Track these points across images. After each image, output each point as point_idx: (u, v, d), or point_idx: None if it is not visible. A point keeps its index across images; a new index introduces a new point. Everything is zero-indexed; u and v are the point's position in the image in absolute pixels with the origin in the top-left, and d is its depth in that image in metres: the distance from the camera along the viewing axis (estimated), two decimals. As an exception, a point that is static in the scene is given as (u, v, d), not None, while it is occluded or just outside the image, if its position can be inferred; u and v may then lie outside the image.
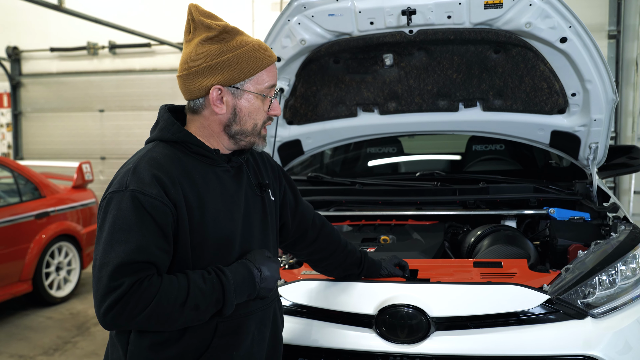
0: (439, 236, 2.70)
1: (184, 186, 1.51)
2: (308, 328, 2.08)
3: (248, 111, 1.59)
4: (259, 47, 1.58)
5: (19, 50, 9.82)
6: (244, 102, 1.58)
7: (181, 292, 1.43)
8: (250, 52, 1.56)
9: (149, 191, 1.45)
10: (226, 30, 1.55)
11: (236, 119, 1.59)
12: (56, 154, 9.49)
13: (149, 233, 1.43)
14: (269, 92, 1.62)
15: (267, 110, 1.63)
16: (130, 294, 1.38)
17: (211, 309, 1.49)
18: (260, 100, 1.60)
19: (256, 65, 1.57)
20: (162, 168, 1.50)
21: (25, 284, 5.27)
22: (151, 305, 1.39)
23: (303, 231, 1.98)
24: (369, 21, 2.58)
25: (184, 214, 1.49)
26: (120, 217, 1.43)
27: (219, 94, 1.56)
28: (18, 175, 5.45)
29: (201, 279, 1.48)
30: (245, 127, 1.60)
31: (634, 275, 2.14)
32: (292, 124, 3.11)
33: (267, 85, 1.60)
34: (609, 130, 2.75)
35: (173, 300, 1.42)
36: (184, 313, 1.44)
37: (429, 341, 1.96)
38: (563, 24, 2.45)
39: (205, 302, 1.46)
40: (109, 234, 1.43)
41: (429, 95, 2.88)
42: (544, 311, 1.98)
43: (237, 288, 1.51)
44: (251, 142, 1.64)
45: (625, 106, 7.01)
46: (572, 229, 2.58)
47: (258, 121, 1.62)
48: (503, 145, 3.78)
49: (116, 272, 1.39)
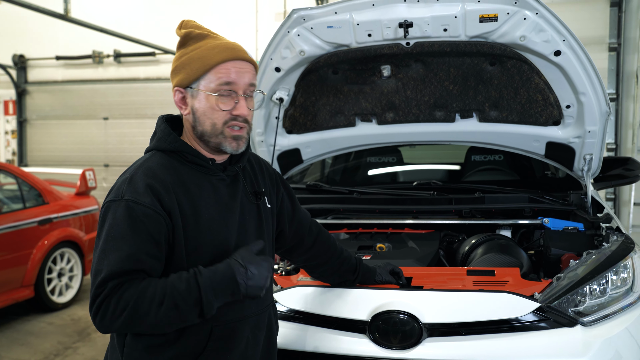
0: (434, 245, 2.73)
1: (178, 195, 1.55)
2: (303, 333, 2.11)
3: (203, 110, 1.60)
4: (213, 47, 1.59)
5: (25, 58, 9.94)
6: (198, 102, 1.60)
7: (158, 292, 1.44)
8: (202, 53, 1.59)
9: (143, 200, 1.50)
10: (189, 36, 1.63)
11: (196, 119, 1.62)
12: (60, 161, 9.57)
13: (141, 241, 1.48)
14: (224, 90, 1.58)
15: (230, 109, 1.60)
16: (111, 296, 1.44)
17: (193, 309, 1.46)
18: (214, 99, 1.58)
19: (203, 64, 1.58)
20: (157, 177, 1.55)
21: (28, 289, 5.31)
22: (130, 306, 1.43)
23: (300, 238, 2.02)
24: (367, 33, 2.63)
25: (179, 221, 1.54)
26: (114, 226, 1.49)
27: (180, 95, 1.63)
28: (22, 181, 5.51)
29: (178, 279, 1.48)
30: (205, 127, 1.60)
31: (624, 284, 2.17)
32: (292, 133, 3.16)
33: (218, 83, 1.58)
34: (603, 142, 2.79)
35: (149, 301, 1.43)
36: (163, 313, 1.44)
37: (421, 347, 1.99)
38: (557, 38, 2.49)
39: (185, 302, 1.45)
40: (104, 242, 1.49)
41: (426, 106, 2.93)
42: (535, 319, 2.01)
43: (215, 287, 1.47)
44: (217, 143, 1.61)
45: (625, 118, 7.03)
46: (565, 238, 2.61)
47: (216, 121, 1.59)
48: (502, 156, 3.82)
49: (106, 277, 1.44)
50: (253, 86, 1.64)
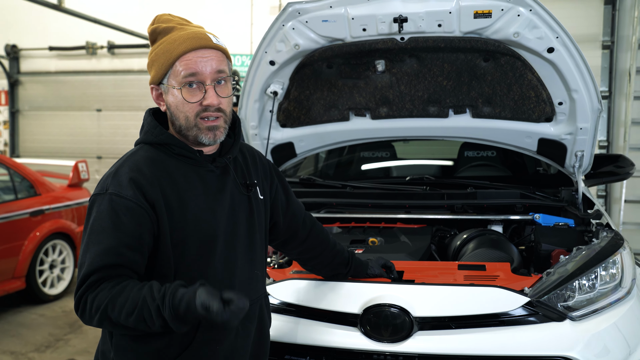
0: (426, 239, 2.75)
1: (163, 187, 1.56)
2: (295, 326, 2.13)
3: (175, 105, 1.59)
4: (175, 39, 1.58)
5: (18, 48, 9.86)
6: (170, 97, 1.60)
7: (129, 302, 1.42)
8: (165, 47, 1.59)
9: (125, 193, 1.51)
10: (157, 31, 1.63)
11: (172, 114, 1.62)
12: (53, 152, 9.51)
13: (122, 235, 1.49)
14: (190, 81, 1.56)
15: (199, 100, 1.57)
16: (88, 293, 1.46)
17: (162, 326, 1.41)
18: (184, 92, 1.57)
19: (167, 58, 1.58)
20: (141, 171, 1.56)
21: (19, 281, 5.30)
22: (101, 309, 1.43)
23: (294, 230, 2.03)
24: (362, 28, 2.63)
25: (163, 213, 1.54)
26: (97, 220, 1.51)
27: (156, 93, 1.65)
28: (14, 172, 5.48)
29: (150, 296, 1.41)
30: (180, 121, 1.60)
31: (613, 280, 2.20)
32: (286, 126, 3.16)
33: (182, 75, 1.56)
34: (594, 139, 2.81)
35: (120, 308, 1.42)
36: (132, 322, 1.42)
37: (412, 340, 2.01)
38: (550, 35, 2.51)
39: (152, 321, 1.41)
40: (88, 236, 1.51)
41: (420, 101, 2.94)
42: (524, 313, 2.03)
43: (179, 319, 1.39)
44: (194, 135, 1.60)
45: (617, 116, 7.07)
46: (556, 234, 2.63)
47: (188, 114, 1.58)
48: (494, 152, 3.84)
49: (87, 272, 1.46)
50: (222, 72, 1.60)
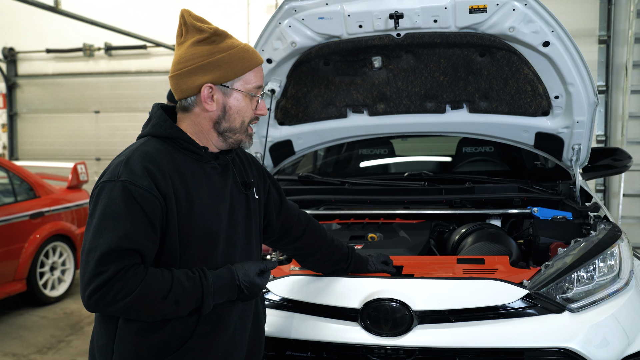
0: (425, 234, 2.76)
1: (173, 180, 1.58)
2: (295, 322, 2.14)
3: (237, 109, 1.68)
4: (247, 49, 1.69)
5: (15, 51, 9.86)
6: (233, 101, 1.67)
7: (164, 285, 1.52)
8: (240, 54, 1.66)
9: (140, 182, 1.52)
10: (217, 33, 1.65)
11: (225, 116, 1.67)
12: (51, 154, 9.52)
13: (138, 222, 1.50)
14: (256, 92, 1.71)
15: (254, 109, 1.72)
16: (115, 280, 1.46)
17: (191, 306, 1.57)
18: (249, 99, 1.70)
19: (245, 66, 1.67)
20: (154, 161, 1.57)
21: (20, 283, 5.30)
22: (134, 294, 1.47)
23: (287, 229, 2.06)
24: (358, 24, 2.64)
25: (173, 206, 1.57)
26: (110, 206, 1.51)
27: (210, 92, 1.65)
28: (13, 175, 5.49)
29: (185, 276, 1.56)
30: (234, 124, 1.69)
31: (611, 271, 2.21)
32: (284, 124, 3.17)
33: (254, 85, 1.70)
34: (591, 132, 2.82)
35: (155, 292, 1.50)
36: (164, 306, 1.52)
37: (412, 334, 2.02)
38: (545, 29, 2.51)
39: (186, 299, 1.54)
40: (98, 221, 1.50)
41: (417, 97, 2.95)
42: (523, 305, 2.04)
43: (216, 292, 1.60)
44: (239, 140, 1.72)
45: (615, 110, 7.09)
46: (554, 227, 2.64)
47: (246, 119, 1.71)
48: (492, 148, 3.84)
49: (103, 257, 1.46)
50: None
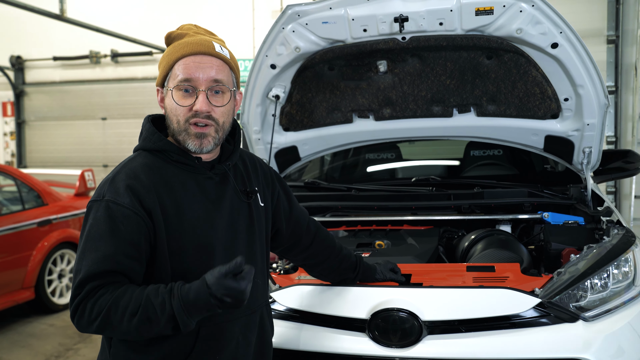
0: (434, 241, 2.71)
1: (160, 195, 1.55)
2: (302, 332, 2.09)
3: (170, 108, 1.61)
4: (179, 44, 1.61)
5: (23, 59, 9.93)
6: (168, 100, 1.62)
7: (133, 303, 1.42)
8: (168, 51, 1.63)
9: (122, 201, 1.50)
10: (170, 37, 1.65)
11: (168, 118, 1.63)
12: (59, 161, 9.57)
13: (119, 242, 1.48)
14: (180, 86, 1.57)
15: (190, 105, 1.57)
16: (87, 299, 1.44)
17: (167, 324, 1.43)
18: (180, 96, 1.57)
19: (167, 62, 1.61)
20: (138, 178, 1.54)
21: (28, 291, 5.30)
22: (103, 313, 1.42)
23: (297, 237, 2.00)
24: (362, 28, 2.61)
25: (160, 221, 1.53)
26: (94, 226, 1.50)
27: (160, 95, 1.66)
28: (21, 183, 5.49)
29: (155, 292, 1.44)
30: (173, 125, 1.60)
31: (626, 278, 2.15)
32: (289, 130, 3.13)
33: (178, 79, 1.57)
34: (602, 135, 2.76)
35: (123, 310, 1.42)
36: (135, 324, 1.42)
37: (422, 345, 1.97)
38: (554, 30, 2.47)
39: (157, 317, 1.41)
40: (84, 242, 1.50)
41: (423, 101, 2.90)
42: (535, 314, 1.99)
43: (189, 307, 1.41)
44: (183, 141, 1.59)
45: (625, 111, 7.01)
46: (565, 233, 2.58)
47: (179, 117, 1.58)
48: (501, 151, 3.79)
49: (83, 280, 1.45)
50: (219, 82, 1.59)
